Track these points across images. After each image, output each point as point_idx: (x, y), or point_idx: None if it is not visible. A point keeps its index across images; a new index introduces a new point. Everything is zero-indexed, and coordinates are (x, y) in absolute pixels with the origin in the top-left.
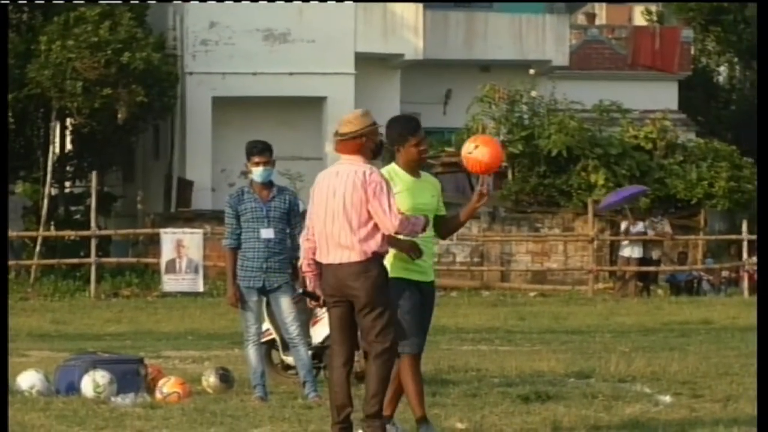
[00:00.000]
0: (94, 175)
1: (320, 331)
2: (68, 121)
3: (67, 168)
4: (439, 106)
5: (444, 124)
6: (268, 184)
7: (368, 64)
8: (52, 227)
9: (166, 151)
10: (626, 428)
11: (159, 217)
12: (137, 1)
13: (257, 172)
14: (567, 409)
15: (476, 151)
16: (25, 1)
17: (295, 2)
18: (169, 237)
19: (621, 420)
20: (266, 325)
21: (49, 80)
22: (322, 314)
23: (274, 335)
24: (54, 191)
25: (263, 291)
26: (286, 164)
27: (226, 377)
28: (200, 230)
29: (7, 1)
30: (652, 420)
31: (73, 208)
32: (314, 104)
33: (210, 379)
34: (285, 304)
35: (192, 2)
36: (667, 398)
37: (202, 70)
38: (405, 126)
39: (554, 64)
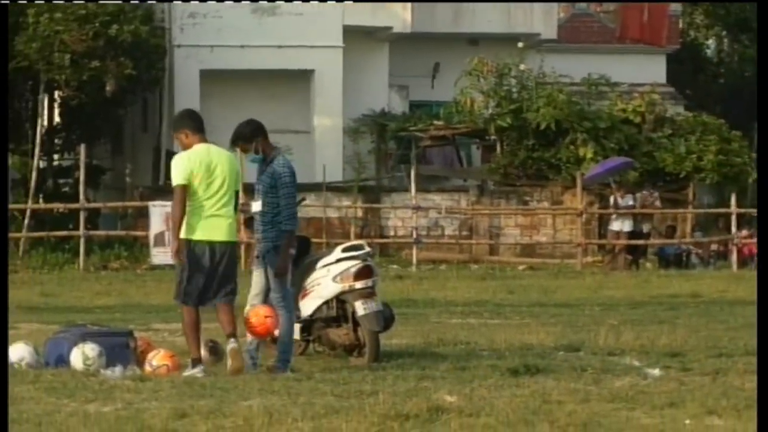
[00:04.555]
0: (82, 147)
1: (309, 304)
2: (56, 93)
3: (56, 141)
4: (428, 79)
5: (432, 98)
6: (262, 162)
7: (356, 37)
8: (41, 200)
9: (155, 123)
10: (615, 401)
11: (148, 190)
12: None
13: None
14: (556, 382)
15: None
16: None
17: None
18: (157, 210)
19: (610, 393)
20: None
21: (37, 53)
22: (311, 287)
23: None
24: (42, 164)
25: (261, 261)
26: (274, 137)
27: (215, 349)
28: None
29: (7, 1)
30: (642, 393)
31: (61, 181)
32: (302, 77)
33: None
34: (267, 273)
35: None
36: (656, 371)
37: (190, 42)
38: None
39: (543, 38)
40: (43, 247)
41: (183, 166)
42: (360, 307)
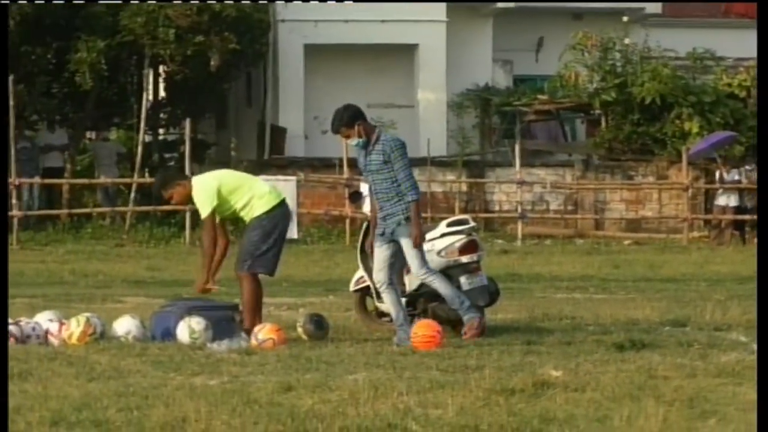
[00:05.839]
0: (187, 122)
1: (415, 278)
2: (161, 68)
3: (161, 115)
4: (532, 53)
5: (536, 72)
6: (365, 145)
7: (460, 11)
8: (147, 174)
9: (259, 98)
10: (722, 376)
11: (252, 164)
12: None
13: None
14: (662, 357)
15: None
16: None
17: None
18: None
19: (716, 368)
20: (360, 272)
21: (142, 27)
22: None
23: (369, 282)
24: (148, 138)
25: (386, 238)
26: (379, 112)
27: (320, 324)
28: (294, 177)
29: (7, 1)
30: (748, 368)
31: (166, 155)
32: (406, 52)
33: (305, 326)
34: (403, 248)
35: None
36: None
37: (294, 17)
38: None
39: (647, 12)
40: (149, 221)
41: (206, 190)
42: (465, 282)
